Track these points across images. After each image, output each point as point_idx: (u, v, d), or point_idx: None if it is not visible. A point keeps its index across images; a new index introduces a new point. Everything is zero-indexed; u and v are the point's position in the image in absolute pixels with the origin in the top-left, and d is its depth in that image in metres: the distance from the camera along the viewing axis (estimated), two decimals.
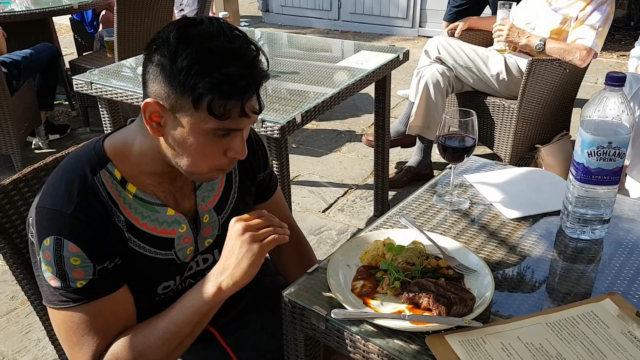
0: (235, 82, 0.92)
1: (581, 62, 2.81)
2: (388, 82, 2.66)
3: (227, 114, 0.94)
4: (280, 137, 1.89)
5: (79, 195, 0.99)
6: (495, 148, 3.05)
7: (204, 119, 0.94)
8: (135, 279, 1.08)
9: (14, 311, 2.35)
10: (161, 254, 1.10)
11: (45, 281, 1.00)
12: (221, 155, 1.01)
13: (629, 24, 6.14)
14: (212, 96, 0.92)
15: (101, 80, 2.33)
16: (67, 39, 5.90)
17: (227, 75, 0.91)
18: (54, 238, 0.97)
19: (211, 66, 0.91)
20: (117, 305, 1.03)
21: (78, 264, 0.98)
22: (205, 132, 0.96)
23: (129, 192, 1.05)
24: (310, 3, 6.92)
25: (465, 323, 0.94)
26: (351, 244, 1.18)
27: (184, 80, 0.92)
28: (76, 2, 3.95)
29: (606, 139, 1.11)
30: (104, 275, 1.01)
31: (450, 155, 1.32)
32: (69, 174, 1.02)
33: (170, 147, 1.01)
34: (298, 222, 1.48)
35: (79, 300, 1.00)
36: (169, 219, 1.10)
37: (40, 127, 3.71)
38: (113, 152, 1.06)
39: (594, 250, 1.19)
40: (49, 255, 0.98)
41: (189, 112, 0.95)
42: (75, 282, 0.98)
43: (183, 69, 0.91)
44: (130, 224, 1.05)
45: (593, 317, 0.97)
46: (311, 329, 1.03)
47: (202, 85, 0.91)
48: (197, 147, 0.98)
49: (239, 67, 0.92)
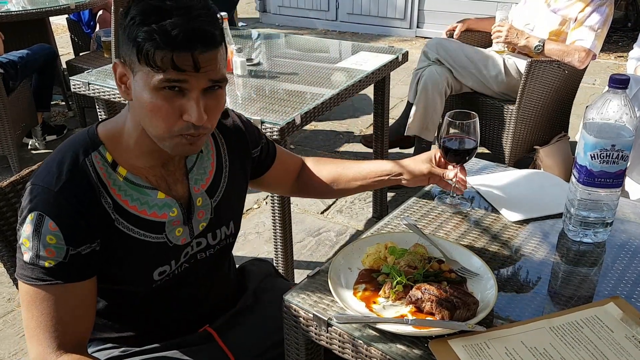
0: (167, 31, 0.92)
1: (580, 64, 2.81)
2: (387, 84, 2.66)
3: (162, 65, 0.94)
4: (279, 138, 1.88)
5: (68, 174, 1.02)
6: (494, 149, 3.05)
7: (148, 72, 0.96)
8: (129, 264, 1.09)
9: (10, 313, 2.33)
10: (151, 237, 1.10)
11: (20, 254, 1.02)
12: (177, 117, 0.99)
13: (627, 25, 6.15)
14: (147, 46, 0.93)
15: (99, 80, 2.32)
16: (63, 39, 5.87)
17: (161, 26, 0.93)
18: (37, 214, 0.99)
19: (151, 18, 0.93)
20: (77, 296, 1.03)
21: (53, 242, 0.99)
22: (154, 88, 0.97)
23: (119, 175, 1.07)
24: (308, 4, 6.91)
25: (469, 327, 0.93)
26: (353, 247, 1.17)
27: (128, 32, 0.96)
28: (73, 2, 3.94)
29: (609, 141, 1.10)
30: (74, 261, 1.01)
31: (453, 158, 1.31)
32: (62, 155, 1.05)
33: (137, 111, 1.03)
34: (296, 224, 1.49)
35: (42, 280, 1.00)
36: (159, 202, 1.10)
37: (37, 128, 3.69)
38: (105, 135, 1.09)
39: (597, 253, 1.18)
40: (29, 229, 1.00)
41: (138, 66, 0.97)
42: (44, 260, 1.00)
43: (130, 21, 0.95)
44: (119, 205, 1.06)
45: (597, 321, 0.96)
46: (313, 333, 1.02)
47: (140, 35, 0.94)
48: (152, 105, 0.98)
49: (178, 20, 0.93)
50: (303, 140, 3.85)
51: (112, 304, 1.16)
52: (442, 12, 6.09)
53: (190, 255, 1.18)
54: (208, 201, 1.18)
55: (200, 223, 1.17)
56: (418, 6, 6.25)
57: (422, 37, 6.21)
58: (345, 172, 1.39)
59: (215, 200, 1.19)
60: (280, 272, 1.87)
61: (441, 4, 6.09)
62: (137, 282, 1.12)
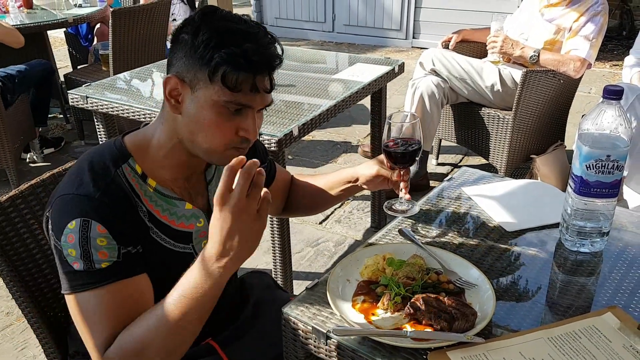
0: (249, 56, 0.98)
1: (575, 73, 2.83)
2: (384, 94, 2.67)
3: (239, 86, 1.00)
4: (277, 150, 1.89)
5: (104, 183, 1.04)
6: (491, 159, 3.06)
7: (218, 91, 1.00)
8: (157, 273, 1.10)
9: (9, 327, 2.32)
10: (179, 247, 1.13)
11: (68, 266, 1.01)
12: (233, 133, 1.05)
13: (622, 34, 6.20)
14: (226, 67, 0.98)
15: (97, 94, 2.32)
16: (61, 52, 5.90)
17: (242, 49, 0.98)
18: (80, 220, 1.00)
19: (228, 41, 0.98)
20: (137, 290, 1.04)
21: (104, 244, 1.00)
22: (219, 107, 1.01)
23: (150, 186, 1.10)
24: (305, 15, 6.95)
25: (468, 339, 0.94)
26: (351, 259, 1.17)
27: (202, 53, 0.99)
28: (71, 16, 3.96)
29: (604, 152, 1.11)
30: (127, 258, 1.03)
31: (395, 161, 1.26)
32: (91, 165, 1.06)
33: (187, 125, 1.05)
34: (295, 234, 1.51)
35: (101, 281, 1.01)
36: (187, 213, 1.14)
37: (35, 141, 3.70)
38: (133, 147, 1.11)
39: (594, 263, 1.19)
40: (73, 238, 1.00)
41: (205, 85, 1.00)
42: (99, 262, 1.00)
43: (203, 42, 0.99)
44: (152, 215, 1.09)
45: (595, 331, 0.97)
46: (312, 346, 1.02)
47: (219, 56, 0.98)
48: (211, 122, 1.02)
49: (255, 45, 1.00)
50: (301, 150, 3.86)
51: None
52: (437, 22, 6.13)
53: None
54: None
55: None
56: (414, 17, 6.30)
57: (418, 48, 6.25)
58: (317, 184, 1.43)
59: None
60: (279, 284, 1.87)
61: (437, 15, 6.14)
62: (159, 291, 1.12)
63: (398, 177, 1.29)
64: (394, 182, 1.30)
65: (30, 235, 1.24)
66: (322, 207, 1.54)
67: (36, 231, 1.25)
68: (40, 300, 1.26)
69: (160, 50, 3.85)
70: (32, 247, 1.24)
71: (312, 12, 6.89)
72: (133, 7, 3.68)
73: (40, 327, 1.27)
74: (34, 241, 1.25)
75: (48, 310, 1.27)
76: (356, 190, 1.39)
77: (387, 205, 1.32)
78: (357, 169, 1.36)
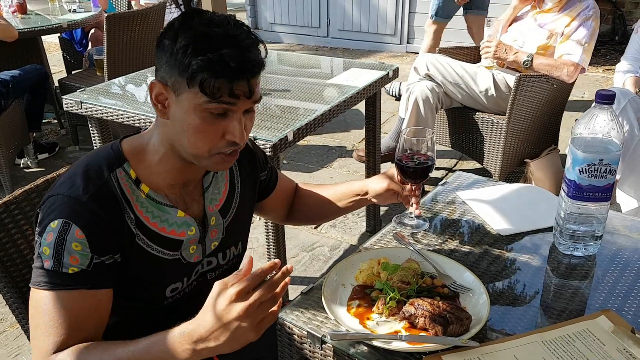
0: (226, 62, 0.96)
1: (569, 78, 2.84)
2: (378, 99, 2.68)
3: (218, 93, 0.98)
4: (272, 154, 1.89)
5: (95, 187, 1.03)
6: (485, 163, 3.07)
7: (198, 97, 0.99)
8: (145, 280, 1.10)
9: (2, 334, 2.31)
10: (168, 254, 1.13)
11: (40, 262, 1.01)
12: (219, 137, 1.04)
13: (614, 39, 6.24)
14: (203, 75, 0.96)
15: (91, 99, 2.32)
16: (56, 57, 5.88)
17: (219, 56, 0.96)
18: (62, 221, 1.00)
19: (206, 47, 0.96)
20: (95, 303, 1.03)
21: (79, 249, 1.00)
22: (202, 111, 1.00)
23: (142, 192, 1.10)
24: (300, 20, 6.96)
25: (462, 343, 0.94)
26: (346, 263, 1.17)
27: (180, 59, 0.98)
28: (65, 21, 3.95)
29: (597, 156, 1.12)
30: (97, 269, 1.02)
31: (408, 177, 1.27)
32: (86, 168, 1.06)
33: (174, 130, 1.05)
34: (290, 239, 1.51)
35: (64, 285, 1.00)
36: (179, 220, 1.13)
37: (29, 147, 3.69)
38: (130, 151, 1.11)
39: (587, 266, 1.20)
40: (51, 237, 1.00)
41: (186, 90, 0.99)
42: (67, 267, 1.00)
43: (181, 48, 0.98)
44: (140, 222, 1.08)
45: (589, 334, 0.97)
46: (307, 350, 1.02)
47: (195, 63, 0.96)
48: (196, 126, 1.02)
49: (233, 50, 0.97)
50: (296, 155, 3.86)
51: (123, 321, 1.16)
52: None
53: (200, 274, 1.21)
54: (221, 221, 1.21)
55: (213, 242, 1.20)
56: (408, 22, 6.32)
57: (413, 53, 6.27)
58: (324, 194, 1.42)
59: (227, 220, 1.22)
60: None
61: None
62: (150, 298, 1.13)
63: (409, 191, 1.29)
64: (405, 197, 1.30)
65: (24, 241, 1.24)
66: (328, 217, 1.54)
67: (30, 237, 1.25)
68: None
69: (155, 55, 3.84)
70: (25, 253, 1.24)
71: (307, 17, 6.90)
72: (127, 13, 3.69)
73: None
74: (28, 247, 1.24)
75: None
76: (365, 203, 1.38)
77: (397, 220, 1.33)
78: (367, 182, 1.36)
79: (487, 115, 3.00)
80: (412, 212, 1.31)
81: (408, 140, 1.26)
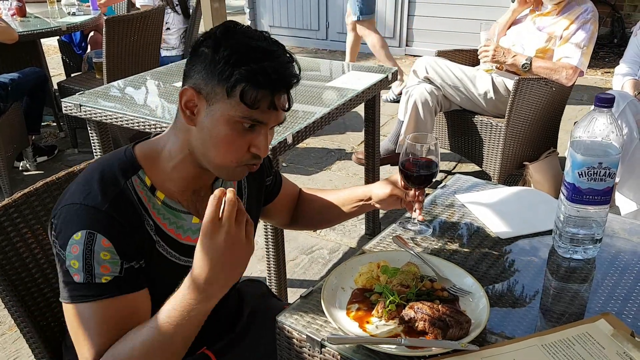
0: (269, 74, 1.00)
1: (567, 81, 2.85)
2: (377, 102, 2.68)
3: (257, 103, 1.01)
4: (271, 157, 1.89)
5: (113, 195, 1.03)
6: (484, 166, 3.07)
7: (235, 106, 1.01)
8: (160, 286, 1.09)
9: (1, 337, 2.30)
10: (183, 260, 1.13)
11: (69, 277, 1.01)
12: (245, 149, 1.06)
13: (613, 42, 6.25)
14: (245, 84, 0.99)
15: (90, 102, 2.32)
16: (55, 60, 5.89)
17: (262, 67, 0.99)
18: (86, 232, 0.99)
19: (249, 58, 1.00)
20: (133, 305, 1.04)
21: (107, 258, 1.00)
22: (234, 122, 1.02)
23: (158, 199, 1.10)
24: (299, 23, 6.97)
25: (462, 346, 0.94)
26: (345, 267, 1.17)
27: (222, 68, 1.00)
28: (64, 24, 3.96)
29: (596, 159, 1.12)
30: (128, 274, 1.03)
31: (412, 182, 1.27)
32: (100, 175, 1.06)
33: (200, 138, 1.06)
34: (289, 242, 1.51)
35: (100, 295, 1.00)
36: (194, 227, 1.14)
37: (28, 149, 3.69)
38: (144, 158, 1.11)
39: (587, 269, 1.20)
40: (77, 249, 0.99)
41: (222, 100, 1.01)
42: (100, 277, 1.00)
43: (223, 58, 1.00)
44: (159, 228, 1.09)
45: (588, 338, 0.97)
46: (306, 354, 1.02)
47: (239, 72, 0.99)
48: (224, 137, 1.03)
49: (274, 63, 1.01)
50: (295, 157, 3.86)
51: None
52: (430, 30, 6.17)
53: None
54: None
55: None
56: (407, 25, 6.32)
57: (412, 56, 6.28)
58: (328, 199, 1.43)
59: None
60: (274, 292, 1.87)
61: (430, 23, 6.17)
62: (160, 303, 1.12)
63: (413, 197, 1.30)
64: (408, 203, 1.31)
65: (23, 244, 1.24)
66: (332, 222, 1.55)
67: (29, 240, 1.25)
68: (33, 310, 1.25)
69: (154, 58, 3.85)
70: (25, 256, 1.24)
71: (306, 20, 6.91)
72: (126, 16, 3.69)
73: (33, 337, 1.26)
74: (27, 250, 1.24)
75: (41, 320, 1.27)
76: (368, 208, 1.39)
77: (400, 225, 1.33)
78: (371, 187, 1.37)
79: (486, 118, 3.00)
80: (415, 217, 1.31)
81: (412, 145, 1.26)
